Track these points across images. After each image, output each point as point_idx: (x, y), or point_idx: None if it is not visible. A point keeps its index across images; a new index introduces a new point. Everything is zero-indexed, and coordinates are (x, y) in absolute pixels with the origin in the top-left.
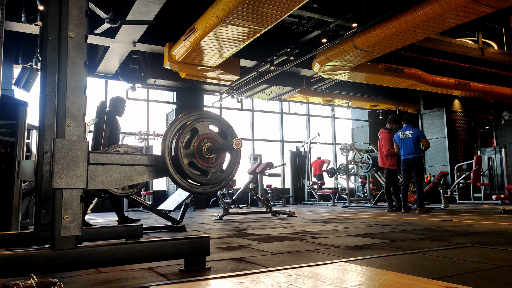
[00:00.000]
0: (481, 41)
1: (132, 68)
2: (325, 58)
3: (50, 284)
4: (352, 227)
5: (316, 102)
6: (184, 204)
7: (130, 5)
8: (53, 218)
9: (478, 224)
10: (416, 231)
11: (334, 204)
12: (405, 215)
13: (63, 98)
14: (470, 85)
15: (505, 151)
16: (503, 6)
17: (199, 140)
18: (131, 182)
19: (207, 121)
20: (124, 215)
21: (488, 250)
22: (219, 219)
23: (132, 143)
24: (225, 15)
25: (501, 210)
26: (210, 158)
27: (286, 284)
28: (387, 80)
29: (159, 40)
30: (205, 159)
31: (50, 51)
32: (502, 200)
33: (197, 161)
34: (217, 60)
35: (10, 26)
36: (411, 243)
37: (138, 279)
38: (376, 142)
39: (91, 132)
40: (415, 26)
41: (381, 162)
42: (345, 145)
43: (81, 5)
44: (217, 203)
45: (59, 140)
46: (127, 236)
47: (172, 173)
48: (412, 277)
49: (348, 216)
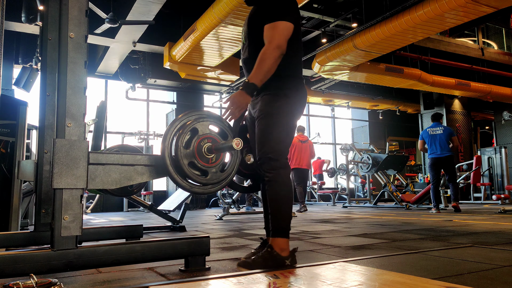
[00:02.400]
0: (481, 41)
1: (132, 68)
2: (325, 58)
3: (50, 284)
4: (352, 227)
5: (316, 102)
6: (184, 204)
7: (130, 5)
8: (53, 218)
9: (478, 224)
10: (416, 231)
11: (334, 204)
12: (405, 215)
13: (63, 98)
14: (470, 85)
15: (505, 151)
16: (503, 6)
17: (199, 140)
18: (131, 182)
19: (207, 121)
20: None
21: (488, 250)
22: (219, 219)
23: (132, 143)
24: (225, 15)
25: (501, 210)
26: (210, 158)
27: (286, 284)
28: (387, 80)
29: (159, 40)
30: (205, 159)
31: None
32: (502, 200)
33: (197, 161)
34: (217, 60)
35: (10, 26)
36: (411, 243)
37: (138, 279)
38: (376, 142)
39: (91, 132)
40: (415, 26)
41: None
42: (345, 145)
43: (81, 5)
44: (217, 203)
45: (59, 140)
46: (127, 236)
47: (172, 173)
48: (412, 277)
49: (348, 216)
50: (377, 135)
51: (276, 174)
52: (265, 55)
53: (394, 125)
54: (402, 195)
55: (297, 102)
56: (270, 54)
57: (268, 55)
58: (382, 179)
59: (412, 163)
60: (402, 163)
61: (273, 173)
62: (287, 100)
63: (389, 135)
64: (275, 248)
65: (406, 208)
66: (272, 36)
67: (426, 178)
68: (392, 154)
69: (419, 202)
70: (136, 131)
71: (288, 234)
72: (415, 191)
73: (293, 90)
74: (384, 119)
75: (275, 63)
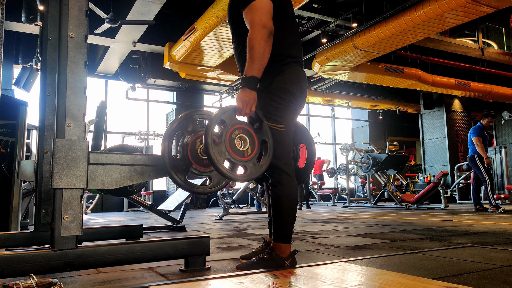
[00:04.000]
0: (481, 41)
1: (132, 68)
2: (325, 58)
3: (50, 284)
4: (352, 227)
5: (316, 102)
6: (184, 204)
7: (130, 5)
8: (53, 218)
9: (478, 224)
10: (416, 231)
11: (334, 204)
12: (405, 215)
13: (63, 98)
14: (470, 85)
15: (505, 151)
16: (503, 6)
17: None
18: (131, 182)
19: None
20: None
21: (488, 250)
22: (219, 219)
23: (132, 143)
24: (225, 15)
25: (501, 210)
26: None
27: (286, 284)
28: (387, 80)
29: (159, 40)
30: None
31: (50, 51)
32: (502, 200)
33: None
34: (217, 60)
35: (10, 26)
36: (411, 243)
37: (138, 279)
38: (376, 142)
39: (91, 132)
40: (415, 26)
41: None
42: (345, 145)
43: (81, 5)
44: (217, 203)
45: (59, 140)
46: (127, 236)
47: (171, 173)
48: (412, 277)
49: (348, 216)
50: (377, 135)
51: (279, 177)
52: (252, 41)
53: (394, 125)
54: (402, 195)
55: (295, 90)
56: (256, 37)
57: (255, 39)
58: (382, 179)
59: (412, 163)
60: (402, 163)
61: (277, 177)
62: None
63: (389, 135)
64: (276, 250)
65: (406, 208)
66: (251, 19)
67: (426, 178)
68: (392, 154)
69: (419, 202)
70: (136, 131)
71: (290, 239)
72: (415, 191)
73: (289, 80)
74: (384, 119)
75: (266, 44)
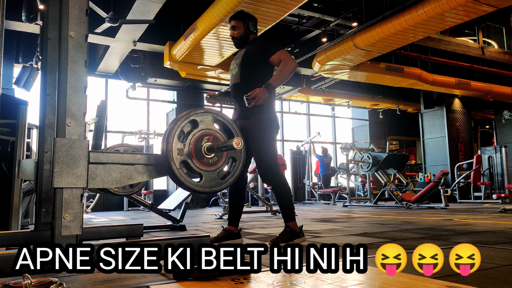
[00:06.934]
0: (481, 40)
1: (133, 67)
2: (325, 57)
3: (50, 283)
4: (352, 226)
5: (317, 101)
6: (185, 203)
7: (130, 4)
8: (54, 217)
9: (478, 224)
10: (416, 230)
11: (334, 203)
12: (405, 214)
13: (63, 97)
14: (471, 84)
15: (506, 150)
16: (504, 5)
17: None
18: (132, 181)
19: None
20: None
21: (488, 249)
22: (219, 218)
23: (133, 142)
24: (226, 14)
25: (502, 210)
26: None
27: (286, 283)
28: (387, 79)
29: (159, 39)
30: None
31: (50, 50)
32: (502, 199)
33: None
34: (218, 60)
35: (10, 25)
36: (411, 242)
37: (138, 278)
38: (376, 141)
39: (92, 131)
40: (415, 25)
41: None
42: (346, 144)
43: (82, 4)
44: (218, 202)
45: (60, 139)
46: (127, 236)
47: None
48: (412, 276)
49: (348, 215)
50: (377, 134)
51: (276, 180)
52: (288, 66)
53: (394, 124)
54: (402, 194)
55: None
56: (292, 66)
57: (291, 67)
58: (382, 178)
59: (412, 162)
60: (402, 162)
61: (274, 180)
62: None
63: (390, 134)
64: (291, 227)
65: (406, 207)
66: (287, 57)
67: (426, 177)
68: (393, 153)
69: (419, 201)
70: (137, 130)
71: (295, 217)
72: (416, 190)
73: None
74: (384, 118)
75: (291, 73)
